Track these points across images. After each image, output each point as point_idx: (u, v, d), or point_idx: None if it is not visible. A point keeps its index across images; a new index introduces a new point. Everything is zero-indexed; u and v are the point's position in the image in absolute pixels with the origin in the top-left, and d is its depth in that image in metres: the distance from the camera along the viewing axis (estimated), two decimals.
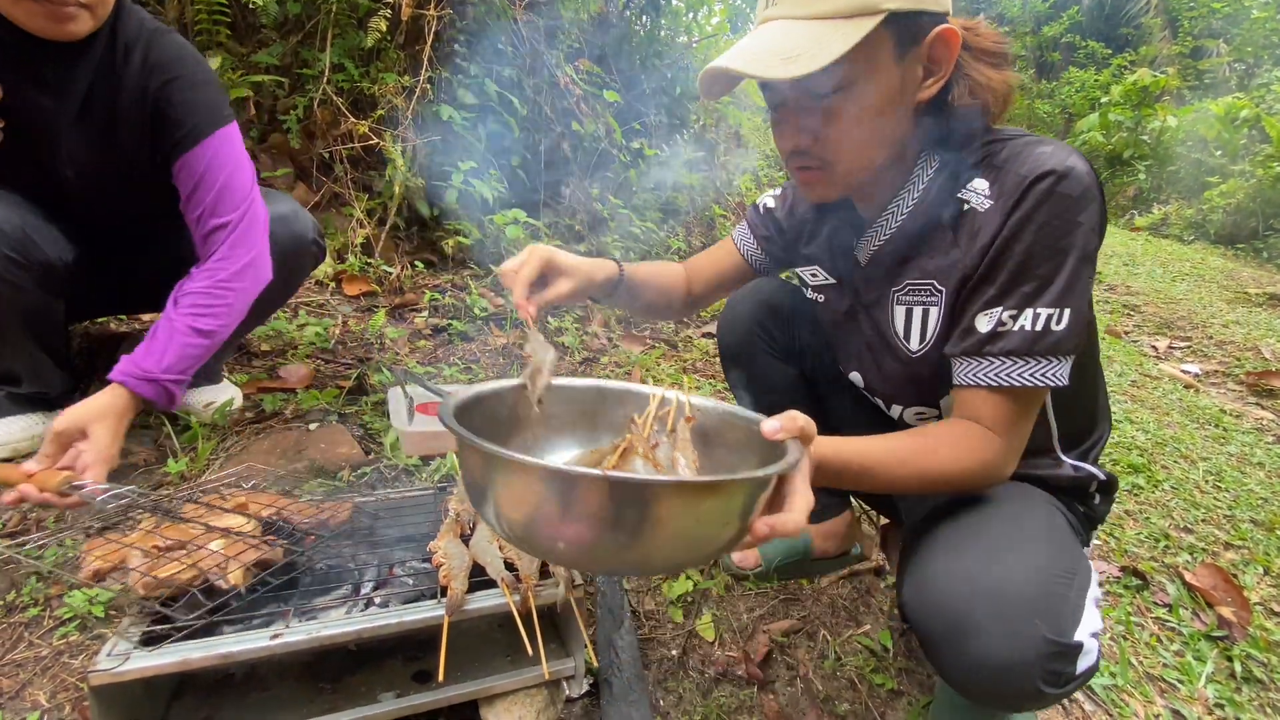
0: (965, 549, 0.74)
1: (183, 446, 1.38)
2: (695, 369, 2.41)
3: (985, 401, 0.76)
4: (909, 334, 0.87)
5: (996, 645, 0.66)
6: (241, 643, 0.71)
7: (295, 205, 1.42)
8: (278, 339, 1.99)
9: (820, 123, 0.75)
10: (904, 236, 0.84)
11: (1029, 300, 0.73)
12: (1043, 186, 0.71)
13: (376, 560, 0.89)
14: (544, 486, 0.52)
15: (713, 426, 0.77)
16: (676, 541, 0.53)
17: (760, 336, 1.14)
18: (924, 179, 0.82)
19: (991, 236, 0.74)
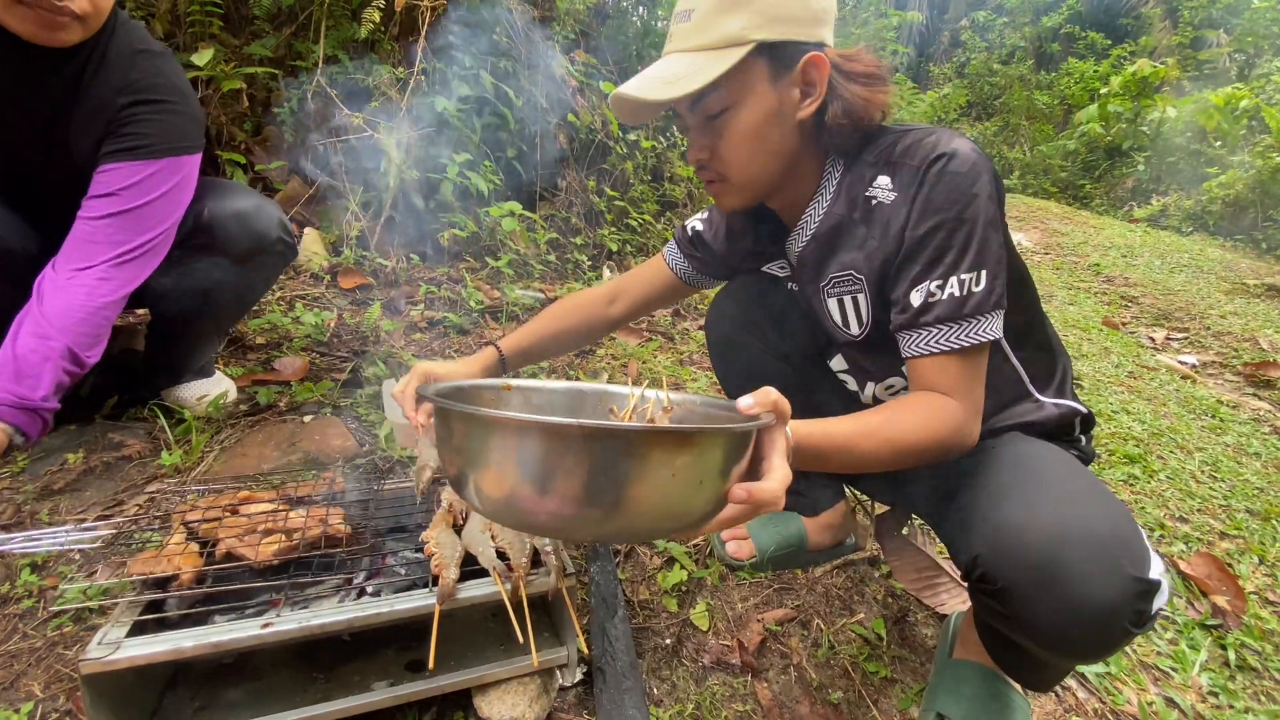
0: (1037, 497, 0.77)
1: (176, 439, 1.38)
2: (692, 360, 2.41)
3: (933, 368, 0.82)
4: (846, 321, 0.95)
5: (1094, 587, 0.68)
6: (232, 631, 0.71)
7: (259, 200, 1.35)
8: (273, 332, 1.99)
9: (713, 140, 0.85)
10: (823, 236, 0.92)
11: (952, 269, 0.79)
12: (935, 170, 0.79)
13: (370, 550, 0.89)
14: (519, 442, 0.51)
15: (692, 417, 0.78)
16: (654, 499, 0.53)
17: (749, 331, 1.15)
18: (832, 183, 0.90)
19: (903, 223, 0.82)
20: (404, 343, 2.07)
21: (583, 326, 1.19)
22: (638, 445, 0.51)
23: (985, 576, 0.77)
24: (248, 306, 1.54)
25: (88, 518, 1.18)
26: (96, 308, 1.09)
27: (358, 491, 1.05)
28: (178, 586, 0.75)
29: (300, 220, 2.57)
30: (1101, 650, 0.73)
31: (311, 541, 0.83)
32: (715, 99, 0.81)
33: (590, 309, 1.20)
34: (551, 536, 0.89)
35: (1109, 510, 0.74)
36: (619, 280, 1.22)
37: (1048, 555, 0.71)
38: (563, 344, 1.19)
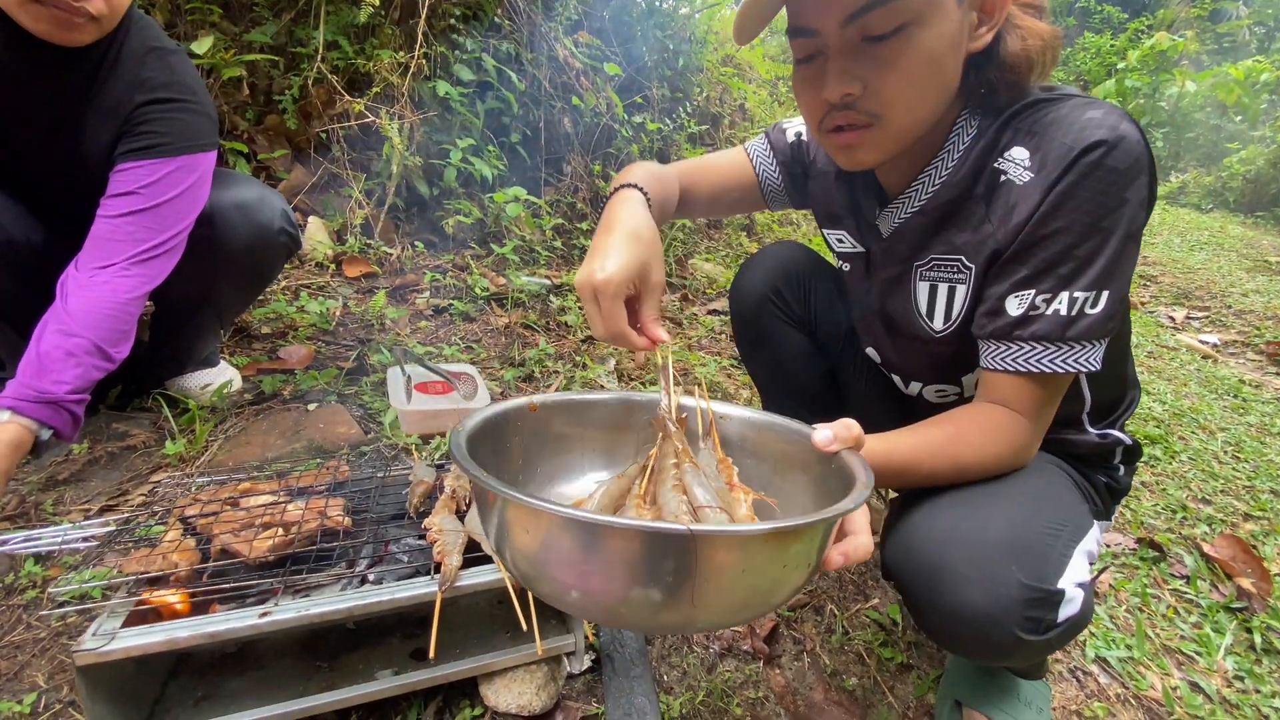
0: (947, 504, 0.73)
1: (181, 429, 1.37)
2: (701, 346, 2.37)
3: (1012, 386, 0.73)
4: (932, 313, 0.82)
5: (972, 591, 0.65)
6: (229, 621, 0.69)
7: (262, 191, 1.32)
8: (278, 321, 1.98)
9: (873, 69, 0.66)
10: (935, 207, 0.77)
11: (1065, 283, 0.68)
12: (1089, 159, 0.65)
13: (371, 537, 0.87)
14: (571, 538, 0.46)
15: (739, 433, 0.72)
16: (733, 596, 0.47)
17: (774, 302, 1.09)
18: (961, 144, 0.75)
19: (1029, 213, 0.68)
20: (409, 330, 2.06)
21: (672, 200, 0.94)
22: (720, 549, 0.45)
23: (890, 577, 0.76)
24: (251, 298, 1.52)
25: (92, 508, 1.17)
26: (120, 304, 1.08)
27: (361, 479, 1.03)
28: (174, 581, 0.73)
29: (304, 209, 2.55)
30: (995, 654, 0.69)
31: (309, 535, 0.81)
32: (891, 13, 0.62)
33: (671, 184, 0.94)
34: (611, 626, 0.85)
35: (1021, 515, 0.70)
36: (686, 166, 1.00)
37: (933, 559, 0.68)
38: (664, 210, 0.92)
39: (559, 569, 0.48)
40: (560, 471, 0.74)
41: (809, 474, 0.66)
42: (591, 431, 0.76)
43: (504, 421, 0.68)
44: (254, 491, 0.90)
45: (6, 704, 0.82)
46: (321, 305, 2.01)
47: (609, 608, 0.48)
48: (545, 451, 0.73)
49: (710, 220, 3.54)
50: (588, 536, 0.46)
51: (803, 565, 0.50)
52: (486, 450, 0.63)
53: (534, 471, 0.73)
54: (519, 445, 0.70)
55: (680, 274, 3.05)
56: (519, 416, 0.70)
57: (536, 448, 0.72)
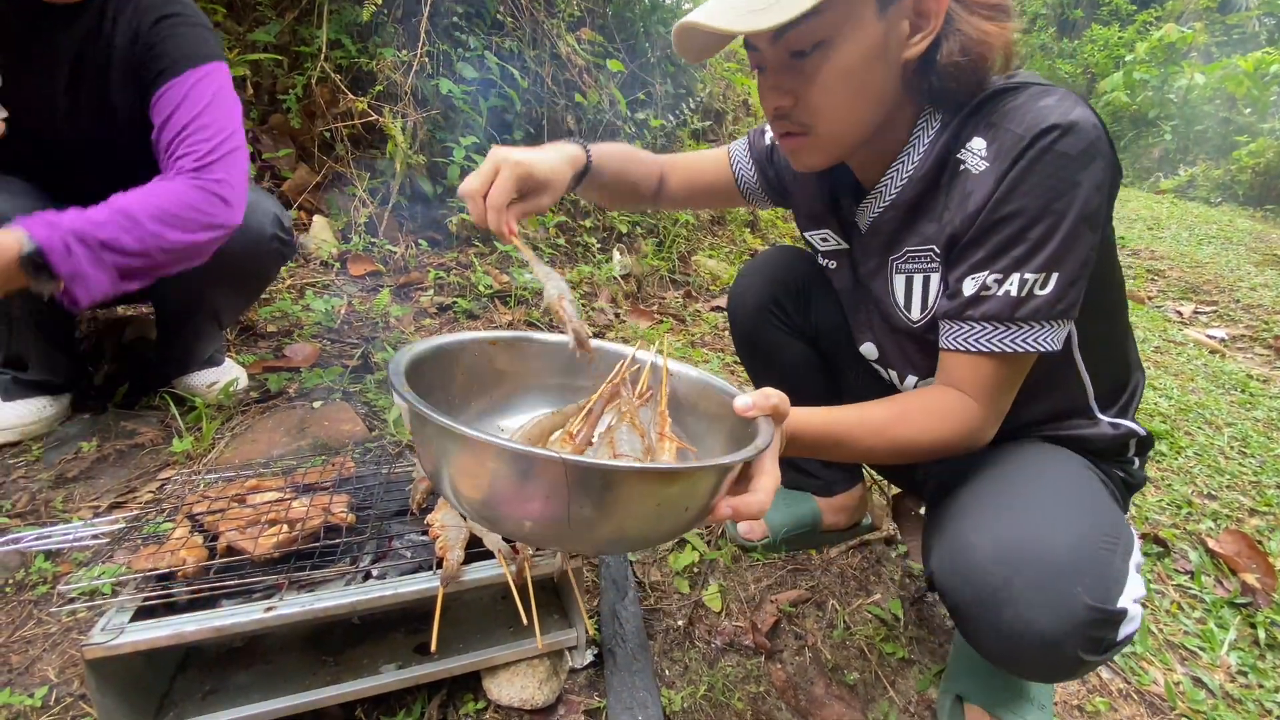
0: (1000, 514, 0.72)
1: (188, 427, 1.39)
2: (704, 343, 2.38)
3: (965, 366, 0.75)
4: (909, 303, 0.84)
5: (1037, 615, 0.64)
6: (235, 615, 0.70)
7: (254, 197, 1.28)
8: (283, 320, 1.99)
9: (799, 83, 0.71)
10: (905, 202, 0.80)
11: (1017, 265, 0.69)
12: (1041, 145, 0.66)
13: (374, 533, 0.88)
14: (497, 465, 0.50)
15: (687, 394, 0.75)
16: (636, 522, 0.52)
17: (773, 312, 1.09)
18: (924, 140, 0.77)
19: (983, 199, 0.70)
20: (414, 328, 2.07)
21: (641, 180, 1.03)
22: (622, 482, 0.50)
23: (940, 593, 0.74)
24: (249, 302, 1.52)
25: (101, 505, 1.19)
26: (178, 194, 1.08)
27: (365, 476, 1.04)
28: (181, 576, 0.74)
29: (308, 207, 2.56)
30: (1054, 675, 0.70)
31: (312, 532, 0.82)
32: (808, 30, 0.66)
33: (649, 169, 1.05)
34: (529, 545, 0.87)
35: (1080, 530, 0.68)
36: (671, 158, 1.07)
37: (994, 579, 0.66)
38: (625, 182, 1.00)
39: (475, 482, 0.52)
40: (512, 407, 0.77)
41: (732, 434, 0.68)
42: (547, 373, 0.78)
43: (459, 351, 0.71)
44: (260, 489, 0.91)
45: (18, 697, 0.84)
46: (326, 304, 2.02)
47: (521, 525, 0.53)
48: (498, 389, 0.76)
49: (714, 216, 3.53)
50: (477, 454, 0.51)
51: (683, 507, 0.53)
52: (435, 376, 0.66)
53: (487, 401, 0.75)
54: (464, 380, 0.72)
55: (684, 270, 3.05)
56: (473, 348, 0.73)
57: (488, 383, 0.74)
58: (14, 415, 1.32)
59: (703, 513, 0.55)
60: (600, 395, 0.70)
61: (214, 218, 1.12)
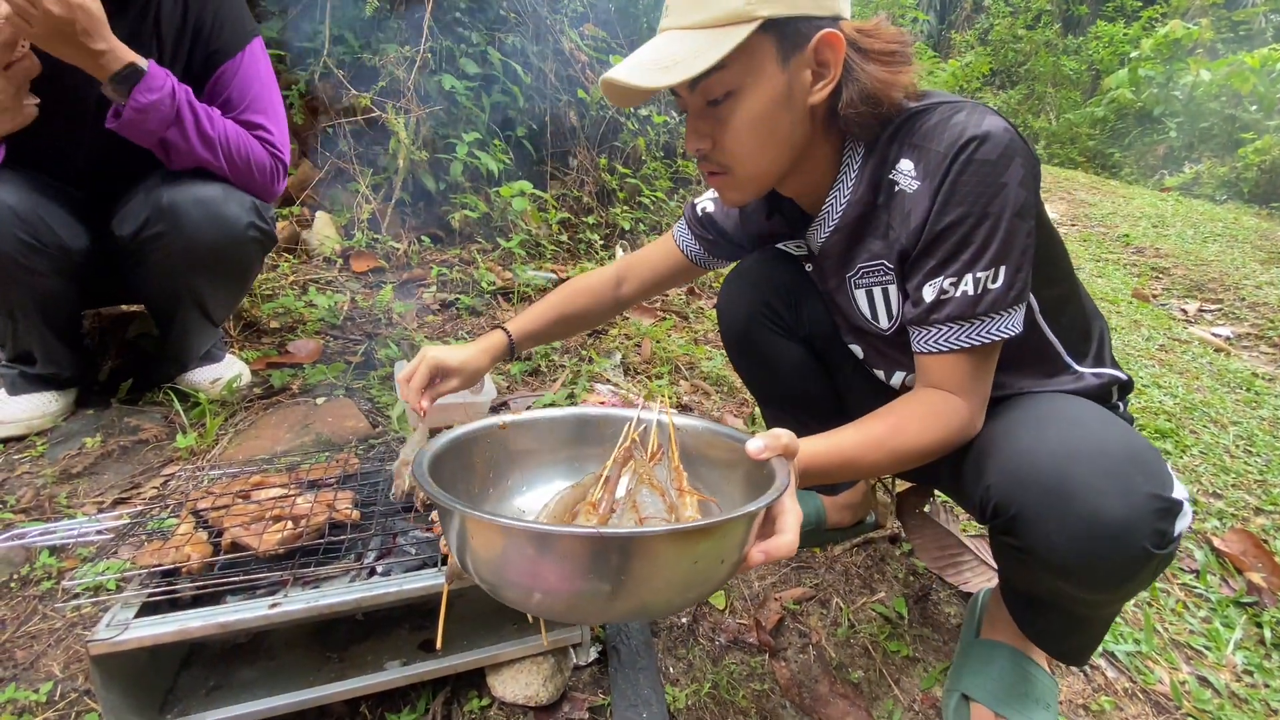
0: (1047, 427, 0.75)
1: (191, 422, 1.39)
2: (706, 339, 2.37)
3: (941, 366, 0.79)
4: (875, 314, 0.89)
5: (1106, 502, 0.66)
6: (239, 611, 0.70)
7: (227, 190, 1.29)
8: (286, 315, 1.99)
9: (715, 128, 0.77)
10: (848, 225, 0.85)
11: (968, 266, 0.74)
12: (963, 158, 0.72)
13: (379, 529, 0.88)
14: (523, 547, 0.51)
15: (695, 444, 0.77)
16: (676, 583, 0.52)
17: (765, 315, 1.09)
18: (854, 167, 0.83)
19: (924, 215, 0.76)
20: (416, 324, 2.06)
21: (591, 308, 1.16)
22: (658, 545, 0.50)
23: (998, 508, 0.76)
24: (236, 295, 1.51)
25: (106, 501, 1.19)
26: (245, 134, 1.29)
27: (370, 472, 1.04)
28: (186, 573, 0.74)
29: (311, 204, 2.56)
30: (1123, 575, 0.71)
31: (317, 528, 0.82)
32: (717, 83, 0.73)
33: (598, 291, 1.16)
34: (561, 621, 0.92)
35: (1124, 434, 0.72)
36: (627, 260, 1.18)
37: (1057, 473, 0.69)
38: (571, 326, 1.17)
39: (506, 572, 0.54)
40: (527, 483, 0.80)
41: (748, 478, 0.70)
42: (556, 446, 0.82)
43: (469, 442, 0.74)
44: (264, 485, 0.91)
45: (24, 693, 0.84)
46: (329, 300, 2.02)
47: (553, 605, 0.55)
48: (513, 468, 0.79)
49: None
50: (513, 540, 0.51)
51: (719, 560, 0.54)
52: (455, 467, 0.70)
53: (504, 485, 0.78)
54: (482, 464, 0.76)
55: None
56: (486, 436, 0.76)
57: (504, 464, 0.78)
58: (19, 410, 1.32)
59: (737, 564, 0.56)
60: (614, 461, 0.72)
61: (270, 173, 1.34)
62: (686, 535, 0.51)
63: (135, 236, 1.25)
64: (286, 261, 2.28)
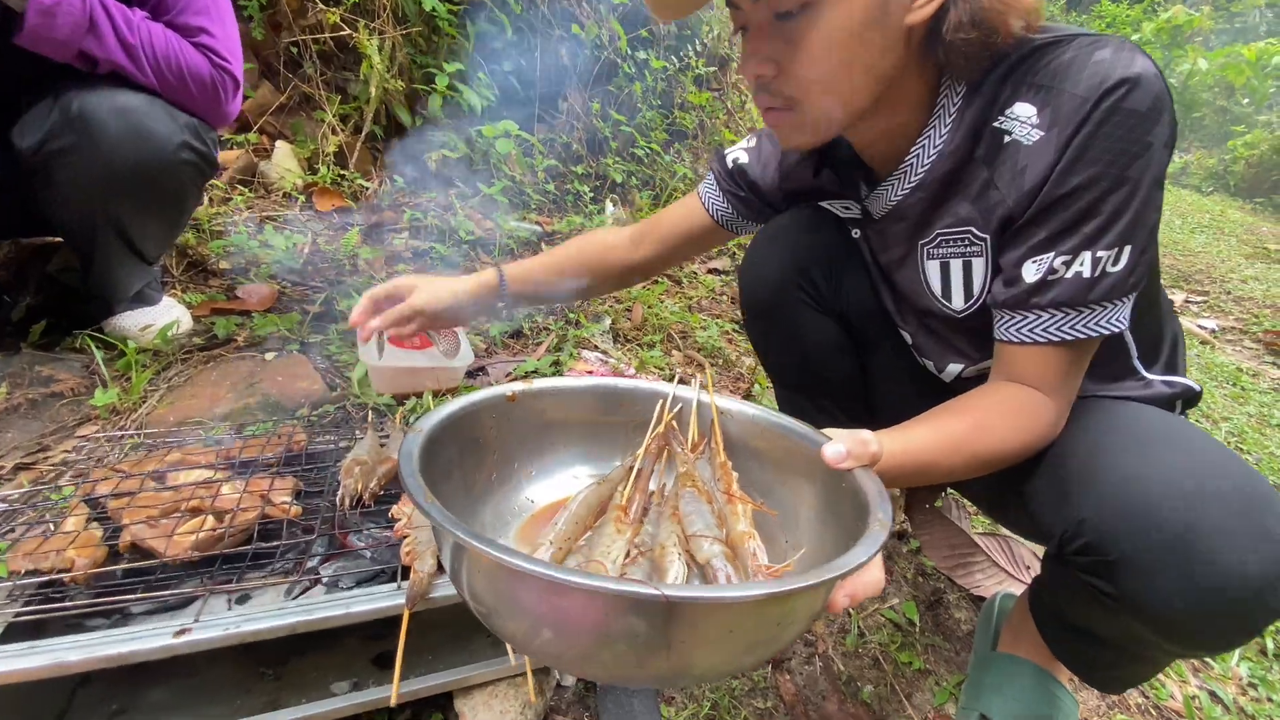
0: (1158, 451, 0.62)
1: (115, 375, 1.20)
2: (700, 307, 2.22)
3: (1033, 359, 0.66)
4: (948, 292, 0.75)
5: (1246, 552, 0.54)
6: (134, 641, 0.54)
7: (155, 102, 1.09)
8: (238, 256, 1.77)
9: (783, 50, 0.63)
10: (934, 180, 0.71)
11: (1088, 242, 0.61)
12: (1107, 105, 0.58)
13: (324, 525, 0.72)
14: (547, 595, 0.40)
15: (741, 435, 0.65)
16: (729, 651, 0.42)
17: (800, 285, 0.93)
18: (950, 111, 0.68)
19: (1043, 174, 0.61)
20: (385, 274, 1.87)
21: (600, 266, 1.00)
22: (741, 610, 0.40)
23: (1091, 548, 0.62)
24: (168, 228, 1.30)
25: (4, 466, 1.01)
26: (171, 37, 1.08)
27: (320, 452, 0.88)
28: (70, 582, 0.58)
29: (271, 131, 2.30)
30: (1240, 636, 0.60)
31: (245, 527, 0.65)
32: None
33: (613, 248, 1.01)
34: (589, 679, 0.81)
35: (1241, 464, 0.61)
36: (646, 221, 1.03)
37: (1181, 519, 0.57)
38: (575, 286, 1.01)
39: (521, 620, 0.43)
40: (540, 468, 0.67)
41: (814, 485, 0.60)
42: (576, 421, 0.68)
43: (476, 413, 0.61)
44: (185, 464, 0.74)
45: None
46: (288, 240, 1.81)
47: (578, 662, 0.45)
48: (525, 445, 0.66)
49: None
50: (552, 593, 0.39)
51: (801, 619, 0.45)
52: (453, 449, 0.56)
53: (510, 469, 0.65)
54: (494, 439, 0.63)
55: None
56: (494, 407, 0.63)
57: (515, 441, 0.65)
58: None
59: (817, 615, 0.47)
60: (646, 450, 0.61)
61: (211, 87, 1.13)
62: (773, 601, 0.40)
63: (39, 150, 1.04)
64: (241, 195, 2.04)
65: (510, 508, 0.63)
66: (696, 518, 0.53)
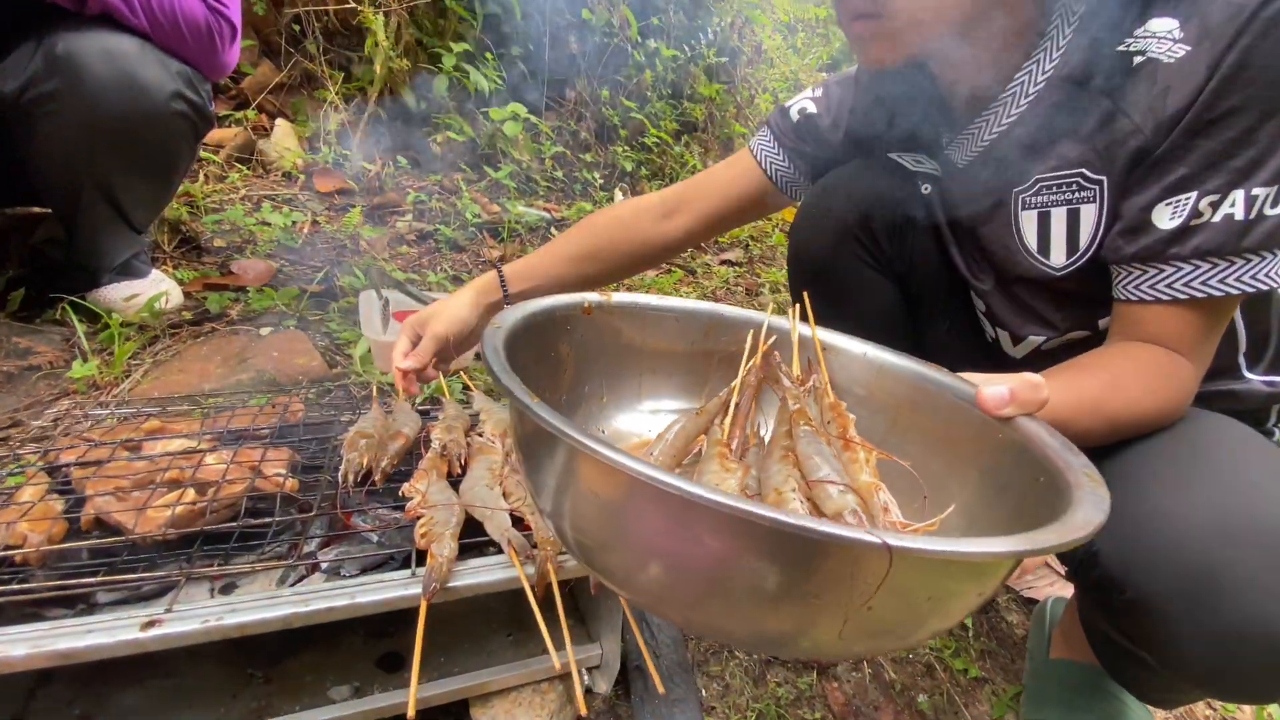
0: (1195, 481, 0.54)
1: (97, 348, 1.10)
2: (715, 298, 2.14)
3: (1169, 318, 0.58)
4: (1047, 246, 0.66)
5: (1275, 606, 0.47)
6: (94, 633, 0.44)
7: (148, 47, 1.00)
8: (234, 233, 1.68)
9: None
10: (1034, 119, 0.63)
11: (1241, 178, 0.53)
12: (1268, 14, 0.50)
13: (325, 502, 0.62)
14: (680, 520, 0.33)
15: (846, 379, 0.57)
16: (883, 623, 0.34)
17: (858, 239, 0.84)
18: (1064, 33, 0.60)
19: (1190, 95, 0.53)
20: (388, 255, 1.78)
21: (621, 248, 0.90)
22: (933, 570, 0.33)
23: (1106, 581, 0.55)
24: (159, 189, 1.20)
25: None
26: None
27: (319, 423, 0.78)
28: (21, 561, 0.49)
29: (270, 109, 2.21)
30: (1275, 691, 0.52)
31: (231, 502, 0.56)
32: None
33: (634, 225, 0.90)
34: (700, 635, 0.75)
35: None
36: (678, 187, 0.93)
37: (1202, 558, 0.49)
38: (592, 270, 0.90)
39: (645, 554, 0.37)
40: (613, 396, 0.60)
41: (951, 440, 0.52)
42: (658, 346, 0.61)
43: (551, 322, 0.53)
44: (164, 432, 0.65)
45: None
46: (286, 218, 1.72)
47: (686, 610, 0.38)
48: (599, 367, 0.59)
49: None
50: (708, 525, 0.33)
51: (994, 590, 0.39)
52: (530, 358, 0.49)
53: (581, 392, 0.58)
54: (569, 355, 0.55)
55: None
56: (570, 317, 0.55)
57: (589, 360, 0.58)
58: None
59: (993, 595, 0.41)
60: (742, 383, 0.54)
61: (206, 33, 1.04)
62: (1009, 560, 0.34)
63: (20, 95, 0.95)
64: (238, 172, 1.95)
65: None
66: (821, 460, 0.44)
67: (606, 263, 0.90)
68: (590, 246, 0.89)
